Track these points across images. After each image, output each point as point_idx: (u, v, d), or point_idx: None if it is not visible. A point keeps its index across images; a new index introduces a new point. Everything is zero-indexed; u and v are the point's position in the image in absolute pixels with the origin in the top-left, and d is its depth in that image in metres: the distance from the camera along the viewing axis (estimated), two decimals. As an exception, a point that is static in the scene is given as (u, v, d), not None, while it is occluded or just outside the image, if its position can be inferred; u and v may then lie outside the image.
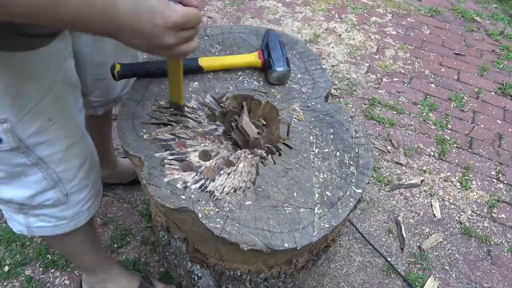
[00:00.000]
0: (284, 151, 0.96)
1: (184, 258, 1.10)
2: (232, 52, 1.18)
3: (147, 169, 0.87)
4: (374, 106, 2.21)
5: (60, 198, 0.92)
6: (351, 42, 2.65)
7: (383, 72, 2.44)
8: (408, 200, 1.80)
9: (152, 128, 0.96)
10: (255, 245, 0.78)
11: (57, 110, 0.82)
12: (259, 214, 0.83)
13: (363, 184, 0.91)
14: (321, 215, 0.85)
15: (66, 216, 0.97)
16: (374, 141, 2.02)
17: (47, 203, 0.91)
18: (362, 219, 1.71)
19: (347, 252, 1.60)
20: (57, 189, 0.90)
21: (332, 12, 2.91)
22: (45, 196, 0.90)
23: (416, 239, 1.67)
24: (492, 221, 1.76)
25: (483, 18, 3.01)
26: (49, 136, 0.82)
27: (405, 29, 2.83)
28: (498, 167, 1.98)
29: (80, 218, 1.00)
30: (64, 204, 0.94)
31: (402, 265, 1.58)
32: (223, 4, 2.84)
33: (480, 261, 1.62)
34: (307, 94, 1.10)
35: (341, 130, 1.02)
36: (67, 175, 0.90)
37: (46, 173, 0.86)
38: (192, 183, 0.87)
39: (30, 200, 0.89)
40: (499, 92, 2.40)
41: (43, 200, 0.90)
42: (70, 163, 0.89)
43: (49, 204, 0.92)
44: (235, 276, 1.03)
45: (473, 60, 2.62)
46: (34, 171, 0.84)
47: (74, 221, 1.00)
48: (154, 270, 1.48)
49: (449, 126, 2.15)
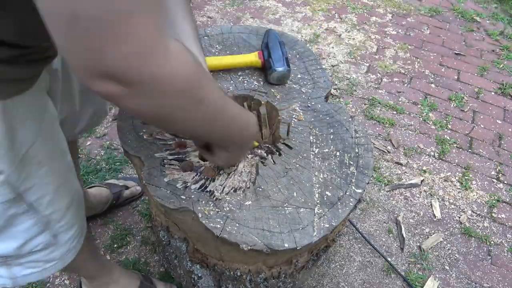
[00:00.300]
0: (284, 151, 0.96)
1: (184, 258, 1.10)
2: (232, 52, 1.18)
3: (147, 169, 0.88)
4: (374, 106, 2.21)
5: (50, 241, 0.86)
6: (351, 42, 2.65)
7: (383, 72, 2.44)
8: (408, 200, 1.80)
9: (152, 128, 0.96)
10: (255, 245, 0.78)
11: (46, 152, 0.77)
12: (259, 214, 0.83)
13: (363, 184, 0.91)
14: (321, 215, 0.85)
15: (54, 257, 0.92)
16: (374, 141, 2.02)
17: (37, 248, 0.86)
18: (362, 219, 1.71)
19: (347, 252, 1.60)
20: (47, 232, 0.85)
21: (332, 12, 2.91)
22: (35, 241, 0.84)
23: (416, 239, 1.67)
24: (492, 221, 1.76)
25: (483, 18, 3.01)
26: (38, 179, 0.77)
27: (405, 29, 2.83)
28: (498, 167, 1.98)
29: (68, 255, 0.95)
30: (53, 245, 0.89)
31: (402, 265, 1.58)
32: (223, 4, 2.84)
33: (480, 261, 1.62)
34: (307, 94, 1.10)
35: (341, 130, 1.02)
36: (56, 217, 0.85)
37: (37, 218, 0.80)
38: (192, 183, 0.87)
39: (19, 250, 0.83)
40: (499, 92, 2.40)
41: (33, 247, 0.85)
42: (59, 203, 0.84)
43: (39, 249, 0.86)
44: (235, 276, 1.03)
45: (473, 60, 2.62)
46: (25, 219, 0.78)
47: (62, 261, 0.94)
48: (154, 270, 1.48)
49: (449, 126, 2.15)
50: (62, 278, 1.43)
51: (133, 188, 1.63)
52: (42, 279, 0.93)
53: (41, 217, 0.81)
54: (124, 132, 0.94)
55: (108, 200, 1.56)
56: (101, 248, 1.51)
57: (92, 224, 1.57)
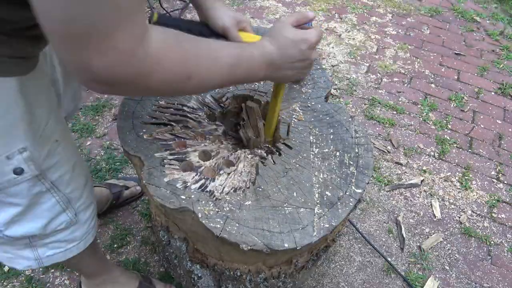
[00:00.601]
0: (284, 151, 0.96)
1: (184, 258, 1.10)
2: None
3: (147, 169, 0.88)
4: (374, 106, 2.21)
5: (71, 219, 0.91)
6: (351, 42, 2.65)
7: (383, 72, 2.44)
8: (408, 200, 1.80)
9: (152, 128, 0.96)
10: (255, 245, 0.78)
11: (60, 130, 0.81)
12: (259, 214, 0.83)
13: (363, 184, 0.91)
14: (321, 215, 0.85)
15: (76, 237, 0.96)
16: (374, 141, 2.02)
17: (60, 227, 0.89)
18: (362, 219, 1.71)
19: (347, 252, 1.60)
20: (68, 211, 0.89)
21: (332, 12, 2.91)
22: (58, 220, 0.88)
23: (416, 239, 1.67)
24: (492, 221, 1.76)
25: (483, 18, 3.01)
26: (57, 157, 0.81)
27: (405, 29, 2.83)
28: (498, 167, 1.98)
29: (89, 236, 1.00)
30: (75, 224, 0.93)
31: (402, 265, 1.58)
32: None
33: (480, 261, 1.62)
34: (307, 94, 1.10)
35: (341, 130, 1.02)
36: (76, 195, 0.89)
37: (59, 196, 0.84)
38: (192, 183, 0.87)
39: (44, 229, 0.87)
40: (499, 92, 2.40)
41: (57, 225, 0.89)
42: (77, 182, 0.88)
43: (62, 228, 0.90)
44: (235, 276, 1.03)
45: (473, 60, 2.62)
46: (48, 197, 0.82)
47: (83, 241, 0.99)
48: (154, 270, 1.48)
49: (449, 126, 2.15)
50: (62, 278, 1.43)
51: (133, 188, 1.63)
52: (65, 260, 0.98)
53: (62, 196, 0.85)
54: (124, 132, 0.94)
55: (108, 200, 1.56)
56: (101, 248, 1.51)
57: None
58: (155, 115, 0.98)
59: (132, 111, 0.99)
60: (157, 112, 0.99)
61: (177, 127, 0.97)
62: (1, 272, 1.43)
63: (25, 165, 0.72)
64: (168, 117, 0.99)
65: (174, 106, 1.02)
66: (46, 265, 0.97)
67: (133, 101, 1.01)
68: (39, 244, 0.91)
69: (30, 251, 0.91)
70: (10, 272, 1.43)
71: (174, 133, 0.96)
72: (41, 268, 1.45)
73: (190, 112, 1.01)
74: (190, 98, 1.04)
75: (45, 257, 0.93)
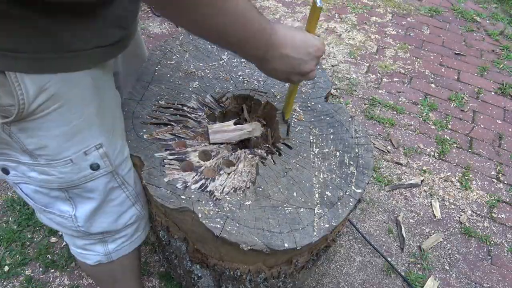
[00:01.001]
0: (284, 151, 0.96)
1: (184, 258, 1.10)
2: (232, 52, 1.18)
3: (147, 169, 0.87)
4: (374, 106, 2.21)
5: (140, 212, 0.93)
6: (351, 42, 2.65)
7: (383, 72, 2.44)
8: (408, 200, 1.80)
9: (152, 128, 0.96)
10: (255, 245, 0.78)
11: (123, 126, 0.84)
12: (259, 214, 0.83)
13: (363, 184, 0.91)
14: (321, 215, 0.85)
15: (139, 228, 0.99)
16: (374, 141, 2.02)
17: (130, 221, 0.92)
18: (362, 219, 1.71)
19: (347, 252, 1.60)
20: (137, 204, 0.91)
21: (332, 12, 2.91)
22: (127, 215, 0.90)
23: (416, 239, 1.67)
24: (492, 221, 1.76)
25: (483, 18, 3.01)
26: (126, 153, 0.83)
27: (405, 29, 2.83)
28: (498, 167, 1.98)
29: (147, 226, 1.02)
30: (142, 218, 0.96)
31: (402, 265, 1.58)
32: (223, 4, 2.84)
33: (480, 261, 1.62)
34: (307, 94, 1.10)
35: (341, 130, 1.02)
36: (140, 189, 0.91)
37: (128, 191, 0.86)
38: (192, 183, 0.87)
39: (115, 224, 0.89)
40: (499, 92, 2.40)
41: (127, 220, 0.91)
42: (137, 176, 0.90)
43: (132, 221, 0.92)
44: (235, 276, 1.03)
45: (473, 60, 2.62)
46: (119, 193, 0.85)
47: (144, 231, 1.02)
48: (154, 270, 1.48)
49: (449, 126, 2.15)
50: (62, 278, 1.43)
51: None
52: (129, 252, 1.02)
53: (132, 190, 0.87)
54: (124, 132, 0.94)
55: None
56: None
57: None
58: (155, 115, 0.98)
59: (132, 111, 0.99)
60: (157, 112, 0.99)
61: (177, 127, 0.97)
62: (1, 272, 1.43)
63: (101, 160, 0.75)
64: (168, 117, 0.99)
65: (174, 106, 1.02)
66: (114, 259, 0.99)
67: (133, 101, 1.01)
68: (111, 239, 0.94)
69: (101, 246, 0.94)
70: (10, 272, 1.43)
71: (174, 133, 0.96)
72: (41, 268, 1.45)
73: (190, 112, 1.01)
74: (190, 98, 1.04)
75: (114, 251, 0.97)
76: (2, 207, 1.62)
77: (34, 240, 1.52)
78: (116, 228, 0.90)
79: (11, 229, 1.54)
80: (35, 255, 1.48)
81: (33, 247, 1.50)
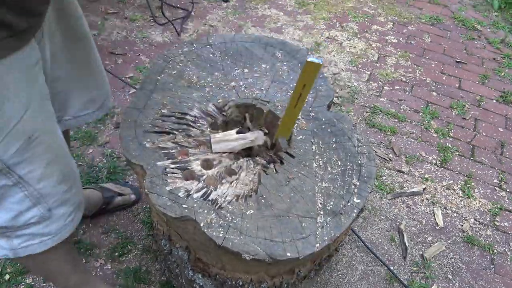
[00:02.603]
0: (286, 160, 0.96)
1: (185, 267, 1.09)
2: (235, 61, 1.18)
3: (149, 178, 0.87)
4: (376, 114, 2.21)
5: (43, 214, 0.90)
6: (352, 50, 2.66)
7: (385, 80, 2.45)
8: (410, 208, 1.80)
9: (155, 137, 0.96)
10: (257, 255, 0.78)
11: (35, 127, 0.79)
12: (261, 223, 0.83)
13: (366, 193, 0.91)
14: (324, 224, 0.84)
15: (50, 231, 0.95)
16: (376, 149, 2.02)
17: (32, 221, 0.89)
18: (364, 227, 1.71)
19: (349, 261, 1.59)
20: (40, 206, 0.88)
21: (333, 20, 2.92)
22: (28, 214, 0.88)
23: (418, 247, 1.66)
24: (495, 229, 1.75)
25: (484, 26, 3.02)
26: (28, 154, 0.79)
27: (406, 37, 2.84)
28: (500, 175, 1.97)
29: (64, 231, 0.98)
30: (48, 219, 0.92)
31: (405, 274, 1.57)
32: (224, 12, 2.86)
33: (483, 270, 1.61)
34: (309, 103, 1.10)
35: (343, 139, 1.02)
36: (49, 191, 0.88)
37: (28, 191, 0.84)
38: (194, 192, 0.87)
39: (14, 221, 0.87)
40: (501, 100, 2.40)
41: (28, 219, 0.88)
42: (50, 178, 0.87)
43: (34, 221, 0.90)
44: (237, 286, 1.02)
45: (474, 68, 2.63)
46: (15, 191, 0.82)
47: (58, 235, 0.98)
48: (155, 278, 1.47)
49: (451, 134, 2.15)
50: (63, 286, 1.43)
51: (127, 196, 1.63)
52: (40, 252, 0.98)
53: (32, 191, 0.84)
54: (126, 141, 0.94)
55: (98, 204, 1.56)
56: (102, 257, 1.51)
57: (95, 232, 1.57)
58: (158, 124, 0.99)
59: (135, 120, 0.99)
60: (160, 121, 0.99)
61: (180, 136, 0.97)
62: (2, 281, 1.42)
63: None
64: (171, 125, 0.99)
65: (176, 115, 1.02)
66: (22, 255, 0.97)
67: (136, 110, 1.01)
68: (13, 235, 0.91)
69: (5, 241, 0.92)
70: (10, 281, 1.42)
71: (177, 141, 0.96)
72: (41, 277, 1.44)
73: (192, 121, 1.02)
74: (192, 107, 1.04)
75: (20, 248, 0.94)
76: (3, 215, 1.61)
77: (35, 249, 1.52)
78: (17, 225, 0.89)
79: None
80: (36, 264, 1.47)
81: (34, 256, 1.50)
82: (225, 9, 2.89)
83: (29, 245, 0.95)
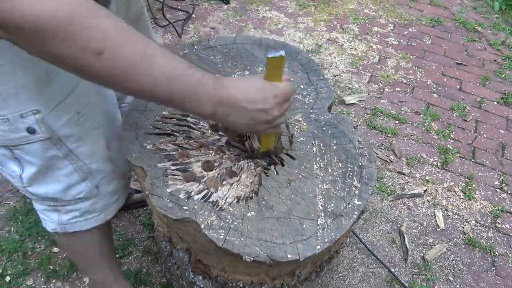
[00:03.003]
0: (287, 162, 0.96)
1: (186, 269, 1.09)
2: (236, 62, 1.18)
3: (149, 180, 0.87)
4: (376, 115, 2.21)
5: (91, 190, 0.94)
6: (353, 52, 2.66)
7: (385, 82, 2.45)
8: (411, 210, 1.80)
9: (155, 139, 0.96)
10: (257, 257, 0.78)
11: (84, 104, 0.84)
12: (262, 225, 0.83)
13: (367, 195, 0.91)
14: (324, 226, 0.84)
15: (96, 209, 0.99)
16: (377, 150, 2.02)
17: (80, 195, 0.93)
18: (365, 229, 1.70)
19: (350, 263, 1.59)
20: (88, 181, 0.92)
21: (334, 22, 2.92)
22: (77, 188, 0.92)
23: (419, 249, 1.66)
24: (496, 231, 1.75)
25: (485, 28, 3.02)
26: (77, 129, 0.84)
27: (406, 39, 2.84)
28: (501, 176, 1.97)
29: (109, 210, 1.03)
30: (95, 196, 0.96)
31: (406, 276, 1.57)
32: (225, 14, 2.86)
33: (484, 272, 1.60)
34: (310, 104, 1.10)
35: (344, 140, 1.02)
36: (97, 167, 0.92)
37: (77, 165, 0.88)
38: (195, 193, 0.87)
39: (63, 194, 0.91)
40: (502, 102, 2.40)
41: (76, 193, 0.92)
42: (98, 155, 0.91)
43: (82, 196, 0.94)
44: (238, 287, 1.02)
45: (475, 69, 2.63)
46: (65, 164, 0.86)
47: (104, 213, 1.02)
48: (156, 280, 1.47)
49: (452, 136, 2.15)
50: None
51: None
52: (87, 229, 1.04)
53: (81, 165, 0.88)
54: (127, 142, 0.94)
55: None
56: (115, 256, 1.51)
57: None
58: (158, 126, 0.99)
59: (136, 122, 0.99)
60: (160, 123, 0.99)
61: (180, 138, 0.97)
62: (3, 282, 1.42)
63: (37, 126, 0.76)
64: (171, 127, 0.99)
65: (177, 116, 1.02)
66: (69, 231, 1.02)
67: (137, 112, 1.01)
68: (64, 210, 0.96)
69: (56, 215, 0.97)
70: (11, 282, 1.43)
71: (177, 143, 0.96)
72: (42, 278, 1.44)
73: (193, 123, 1.02)
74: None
75: (68, 223, 0.99)
76: (4, 217, 1.62)
77: (36, 250, 1.52)
78: (65, 198, 0.92)
79: (13, 239, 1.54)
80: (37, 266, 1.47)
81: (34, 257, 1.50)
82: (226, 11, 2.90)
83: (76, 221, 1.00)
